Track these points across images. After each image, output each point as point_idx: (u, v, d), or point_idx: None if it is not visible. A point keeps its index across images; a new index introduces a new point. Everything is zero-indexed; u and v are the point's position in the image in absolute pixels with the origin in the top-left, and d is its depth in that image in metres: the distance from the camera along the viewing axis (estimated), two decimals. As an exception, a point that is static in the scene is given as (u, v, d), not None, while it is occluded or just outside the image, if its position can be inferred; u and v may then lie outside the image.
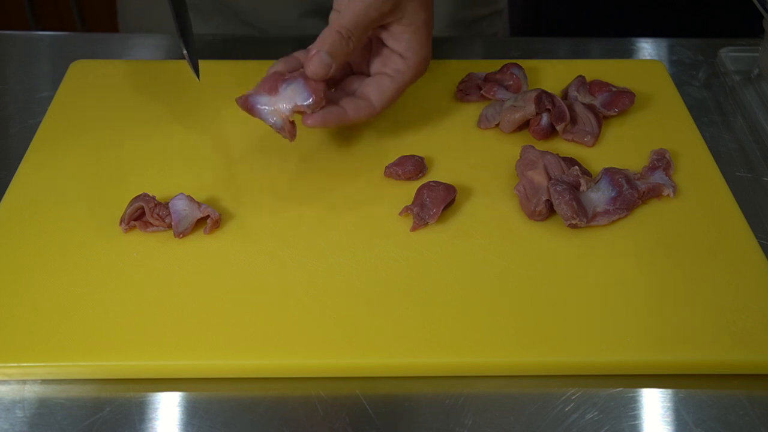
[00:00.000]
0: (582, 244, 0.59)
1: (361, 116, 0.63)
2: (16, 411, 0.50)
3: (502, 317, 0.54)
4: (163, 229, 0.59)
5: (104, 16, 1.92)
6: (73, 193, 0.63)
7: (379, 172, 0.66)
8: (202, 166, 0.66)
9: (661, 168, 0.65)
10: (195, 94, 0.74)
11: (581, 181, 0.61)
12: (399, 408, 0.50)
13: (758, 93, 0.77)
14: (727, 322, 0.53)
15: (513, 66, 0.75)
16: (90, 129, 0.70)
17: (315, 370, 0.52)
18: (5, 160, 0.68)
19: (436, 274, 0.57)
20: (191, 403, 0.51)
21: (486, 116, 0.71)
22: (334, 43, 0.60)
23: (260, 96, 0.61)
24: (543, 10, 1.57)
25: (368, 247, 0.59)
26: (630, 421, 0.50)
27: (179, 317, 0.53)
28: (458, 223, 0.61)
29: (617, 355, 0.52)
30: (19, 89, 0.78)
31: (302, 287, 0.56)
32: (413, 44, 0.63)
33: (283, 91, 0.60)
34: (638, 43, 0.87)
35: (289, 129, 0.61)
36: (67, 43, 0.87)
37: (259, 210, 0.62)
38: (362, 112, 0.63)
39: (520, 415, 0.50)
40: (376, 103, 0.64)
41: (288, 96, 0.60)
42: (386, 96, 0.64)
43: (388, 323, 0.53)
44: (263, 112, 0.61)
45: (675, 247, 0.59)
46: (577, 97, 0.72)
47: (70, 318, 0.53)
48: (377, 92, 0.64)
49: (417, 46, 0.64)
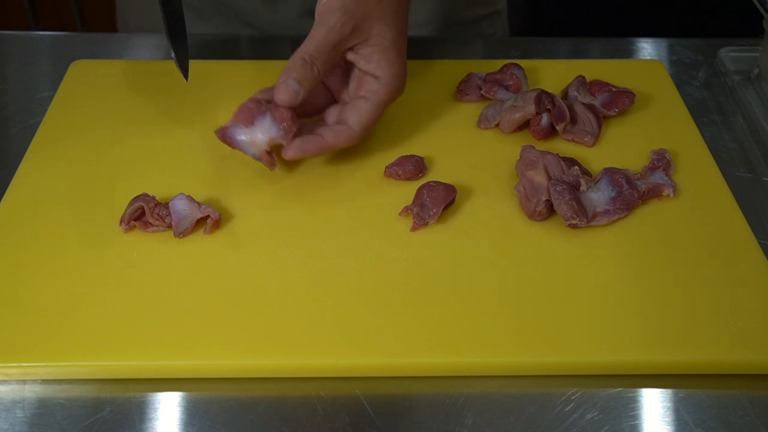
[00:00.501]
0: (582, 244, 0.59)
1: (341, 141, 0.63)
2: (16, 411, 0.50)
3: (502, 317, 0.54)
4: (163, 229, 0.59)
5: (104, 16, 1.92)
6: (73, 193, 0.63)
7: (379, 172, 0.66)
8: (203, 166, 0.66)
9: (661, 168, 0.65)
10: (195, 94, 0.74)
11: (581, 181, 0.61)
12: (399, 408, 0.50)
13: (758, 93, 0.77)
14: (727, 322, 0.53)
15: (513, 66, 0.75)
16: (90, 129, 0.70)
17: (315, 370, 0.52)
18: (5, 160, 0.68)
19: (436, 274, 0.57)
20: (191, 403, 0.51)
21: (486, 116, 0.71)
22: (299, 69, 0.61)
23: (237, 128, 0.62)
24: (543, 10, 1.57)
25: (368, 247, 0.59)
26: (630, 421, 0.50)
27: (179, 317, 0.53)
28: (458, 223, 0.61)
29: (617, 355, 0.52)
30: (19, 89, 0.78)
31: (302, 287, 0.56)
32: (383, 63, 0.64)
33: (258, 123, 0.61)
34: (638, 43, 0.87)
35: (267, 160, 0.62)
36: (67, 43, 0.87)
37: (259, 210, 0.62)
38: (341, 136, 0.63)
39: (520, 415, 0.50)
40: (355, 126, 0.64)
41: (263, 128, 0.61)
42: (364, 118, 0.64)
43: (388, 323, 0.53)
44: (241, 144, 0.62)
45: (675, 248, 0.59)
46: (577, 97, 0.72)
47: (70, 318, 0.53)
48: (355, 115, 0.64)
49: (387, 65, 0.64)
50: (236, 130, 0.62)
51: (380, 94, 0.64)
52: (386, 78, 0.64)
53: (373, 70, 0.64)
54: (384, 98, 0.65)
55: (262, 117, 0.61)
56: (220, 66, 0.78)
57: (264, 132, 0.61)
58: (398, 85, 0.65)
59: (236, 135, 0.62)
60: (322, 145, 0.63)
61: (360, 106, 0.65)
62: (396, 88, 0.65)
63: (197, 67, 0.78)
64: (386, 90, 0.65)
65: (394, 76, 0.64)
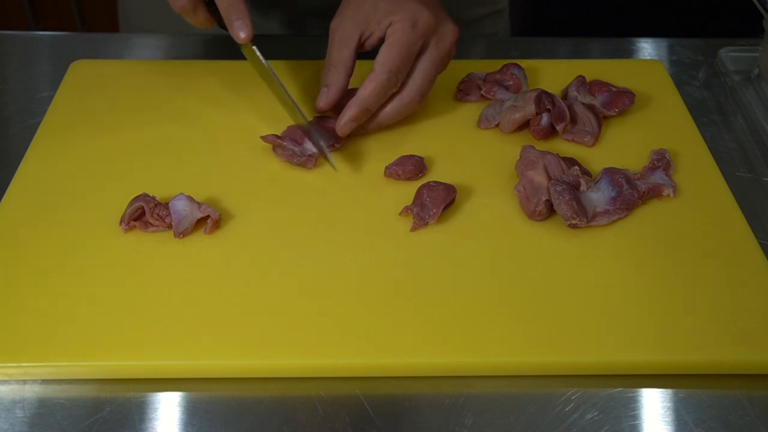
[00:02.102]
0: (582, 244, 0.59)
1: (369, 91, 0.65)
2: (16, 411, 0.50)
3: (502, 317, 0.54)
4: (163, 229, 0.59)
5: (104, 16, 1.92)
6: (73, 193, 0.63)
7: (379, 172, 0.66)
8: (203, 166, 0.66)
9: (661, 168, 0.65)
10: (195, 94, 0.74)
11: (581, 181, 0.61)
12: (399, 408, 0.50)
13: (758, 93, 0.77)
14: (727, 322, 0.53)
15: (513, 66, 0.75)
16: (90, 129, 0.70)
17: (315, 370, 0.52)
18: (5, 160, 0.68)
19: (436, 274, 0.57)
20: (191, 403, 0.51)
21: (486, 116, 0.71)
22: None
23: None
24: (543, 10, 1.57)
25: (368, 247, 0.59)
26: (630, 421, 0.50)
27: (179, 317, 0.53)
28: (458, 223, 0.61)
29: (617, 355, 0.52)
30: (19, 89, 0.78)
31: (302, 287, 0.56)
32: (395, 6, 0.66)
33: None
34: (638, 43, 0.87)
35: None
36: (67, 43, 0.87)
37: (259, 210, 0.62)
38: (368, 85, 0.65)
39: (520, 415, 0.50)
40: (378, 67, 0.65)
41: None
42: (387, 59, 0.65)
43: (388, 323, 0.53)
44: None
45: (675, 247, 0.59)
46: (577, 97, 0.72)
47: (70, 318, 0.53)
48: (379, 59, 0.65)
49: (400, 8, 0.65)
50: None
51: (397, 32, 0.65)
52: (399, 15, 0.65)
53: (389, 20, 0.65)
54: (402, 36, 0.65)
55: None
56: (220, 66, 0.78)
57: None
58: (414, 18, 0.65)
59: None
60: (359, 102, 0.65)
61: (383, 50, 0.65)
62: (413, 21, 0.65)
63: (197, 67, 0.78)
64: (401, 26, 0.65)
65: (408, 11, 0.65)
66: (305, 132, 0.67)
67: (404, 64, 0.65)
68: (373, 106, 0.66)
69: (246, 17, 0.65)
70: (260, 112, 0.72)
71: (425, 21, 0.65)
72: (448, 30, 0.67)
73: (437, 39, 0.66)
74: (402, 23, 0.65)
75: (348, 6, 0.68)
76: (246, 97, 0.74)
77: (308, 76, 0.76)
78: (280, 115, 0.70)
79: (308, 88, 0.75)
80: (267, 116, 0.71)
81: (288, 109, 0.69)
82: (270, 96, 0.69)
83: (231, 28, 0.65)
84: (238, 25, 0.64)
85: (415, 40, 0.65)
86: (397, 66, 0.65)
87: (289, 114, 0.69)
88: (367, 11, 0.66)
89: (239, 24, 0.64)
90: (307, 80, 0.76)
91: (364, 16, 0.66)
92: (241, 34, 0.65)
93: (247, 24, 0.65)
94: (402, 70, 0.65)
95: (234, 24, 0.65)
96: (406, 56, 0.65)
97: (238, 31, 0.65)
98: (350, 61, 0.67)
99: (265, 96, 0.71)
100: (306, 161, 0.65)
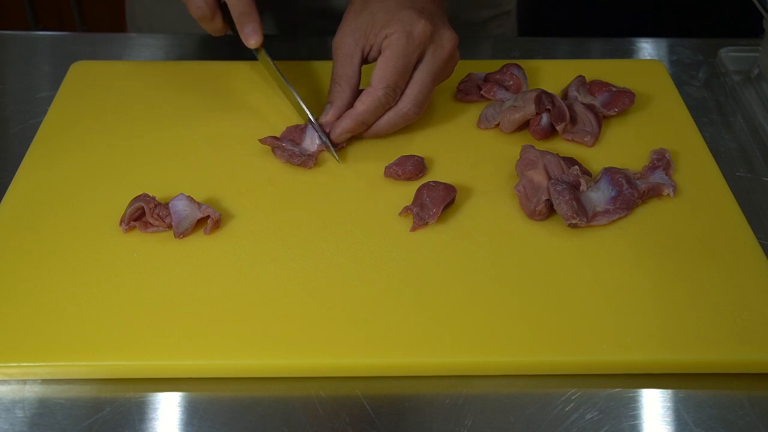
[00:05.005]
0: (582, 244, 0.59)
1: (365, 105, 0.65)
2: (16, 411, 0.50)
3: (502, 317, 0.54)
4: (163, 230, 0.59)
5: (104, 16, 1.92)
6: (73, 193, 0.63)
7: (379, 172, 0.66)
8: (203, 166, 0.66)
9: (661, 168, 0.65)
10: (195, 94, 0.74)
11: (581, 181, 0.61)
12: (399, 408, 0.50)
13: (758, 93, 0.77)
14: (727, 322, 0.53)
15: (513, 66, 0.75)
16: (90, 129, 0.70)
17: (315, 370, 0.52)
18: (5, 160, 0.68)
19: (436, 274, 0.57)
20: (191, 403, 0.51)
21: (486, 116, 0.71)
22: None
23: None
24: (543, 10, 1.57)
25: (368, 247, 0.59)
26: (630, 421, 0.50)
27: (179, 317, 0.53)
28: (458, 223, 0.61)
29: (617, 355, 0.52)
30: (19, 89, 0.78)
31: (302, 287, 0.56)
32: (390, 20, 0.65)
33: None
34: (638, 43, 0.87)
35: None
36: (67, 43, 0.87)
37: (259, 210, 0.62)
38: (365, 99, 0.65)
39: (520, 415, 0.50)
40: (375, 83, 0.65)
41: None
42: (383, 73, 0.65)
43: (388, 323, 0.53)
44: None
45: (675, 247, 0.59)
46: (577, 97, 0.72)
47: (70, 318, 0.53)
48: (375, 74, 0.65)
49: (395, 20, 0.65)
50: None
51: (393, 44, 0.65)
52: (394, 27, 0.65)
53: (385, 33, 0.65)
54: (398, 49, 0.64)
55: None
56: (221, 67, 0.78)
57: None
58: (409, 29, 0.65)
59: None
60: (355, 116, 0.65)
61: (379, 64, 0.65)
62: (408, 32, 0.64)
63: (198, 67, 0.78)
64: (397, 37, 0.64)
65: (403, 22, 0.65)
66: (312, 125, 0.67)
67: (401, 78, 0.65)
68: (369, 120, 0.66)
69: (257, 23, 0.67)
70: (260, 112, 0.72)
71: (420, 31, 0.65)
72: (446, 38, 0.66)
73: (434, 48, 0.66)
74: (397, 35, 0.64)
75: (347, 20, 0.68)
76: (246, 98, 0.74)
77: (308, 77, 0.76)
78: (280, 115, 0.70)
79: (309, 88, 0.75)
80: (267, 116, 0.71)
81: (296, 107, 0.70)
82: (270, 96, 0.69)
83: (242, 33, 0.67)
84: (248, 31, 0.67)
85: (412, 51, 0.65)
86: (394, 81, 0.65)
87: (297, 112, 0.70)
88: (365, 24, 0.66)
89: (249, 30, 0.67)
90: (307, 80, 0.76)
91: (363, 30, 0.66)
92: (251, 41, 0.68)
93: (257, 30, 0.67)
94: (399, 84, 0.65)
95: (245, 30, 0.67)
96: (402, 70, 0.65)
97: (248, 37, 0.67)
98: (354, 78, 0.67)
99: (265, 96, 0.71)
100: (306, 161, 0.65)
